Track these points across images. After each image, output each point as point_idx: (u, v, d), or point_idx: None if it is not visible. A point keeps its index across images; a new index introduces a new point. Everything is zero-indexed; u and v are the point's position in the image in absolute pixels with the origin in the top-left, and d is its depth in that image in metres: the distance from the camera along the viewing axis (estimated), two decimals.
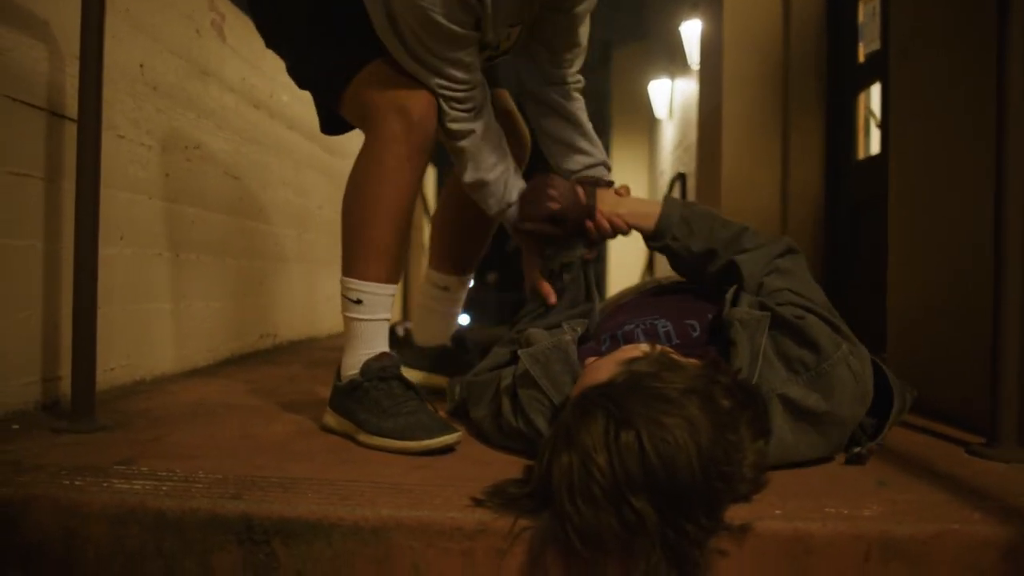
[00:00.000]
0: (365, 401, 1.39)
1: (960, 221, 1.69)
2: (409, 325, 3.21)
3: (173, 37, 2.22)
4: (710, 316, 1.36)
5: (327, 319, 3.79)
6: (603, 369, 1.04)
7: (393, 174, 1.46)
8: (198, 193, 2.38)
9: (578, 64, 1.71)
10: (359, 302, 1.49)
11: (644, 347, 1.09)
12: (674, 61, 6.78)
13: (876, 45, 3.32)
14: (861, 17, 3.62)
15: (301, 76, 1.69)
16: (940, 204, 1.79)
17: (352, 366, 1.46)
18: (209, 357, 2.48)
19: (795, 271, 1.43)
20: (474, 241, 1.96)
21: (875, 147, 3.47)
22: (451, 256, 1.96)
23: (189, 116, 2.32)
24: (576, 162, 1.71)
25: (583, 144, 1.71)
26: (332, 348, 3.16)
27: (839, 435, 1.24)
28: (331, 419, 1.48)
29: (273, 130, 3.03)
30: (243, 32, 2.74)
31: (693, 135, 5.25)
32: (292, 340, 3.28)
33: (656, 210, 1.54)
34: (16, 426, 1.46)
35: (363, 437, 1.37)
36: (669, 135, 7.24)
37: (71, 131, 1.68)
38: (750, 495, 1.00)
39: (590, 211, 1.54)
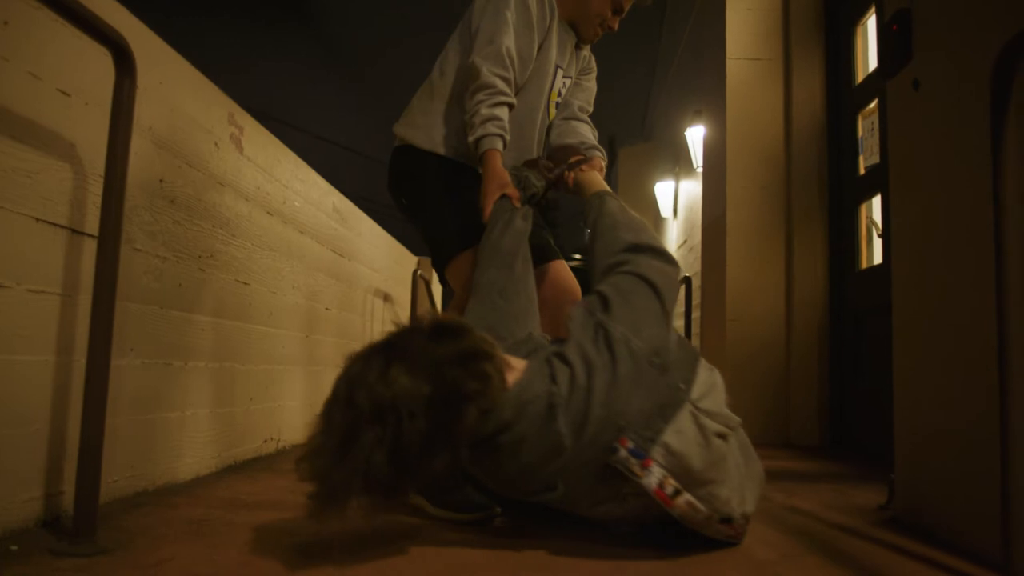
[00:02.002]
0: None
1: (964, 334, 1.70)
2: None
3: (193, 152, 2.29)
4: None
5: None
6: None
7: None
8: (210, 301, 2.42)
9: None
10: None
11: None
12: (679, 162, 6.94)
13: (876, 159, 3.41)
14: (860, 131, 3.72)
15: (430, 232, 2.20)
16: (943, 317, 1.80)
17: None
18: (213, 464, 2.46)
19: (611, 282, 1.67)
20: None
21: (877, 256, 3.51)
22: None
23: (204, 226, 2.37)
24: (582, 144, 2.34)
25: (589, 140, 2.38)
26: None
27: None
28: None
29: (286, 235, 3.09)
30: (260, 141, 2.83)
31: (697, 235, 5.33)
32: (295, 443, 3.26)
33: (591, 191, 2.03)
34: (15, 547, 1.44)
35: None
36: (674, 234, 7.34)
37: (90, 246, 1.73)
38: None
39: (565, 169, 2.14)
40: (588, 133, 2.40)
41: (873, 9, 3.63)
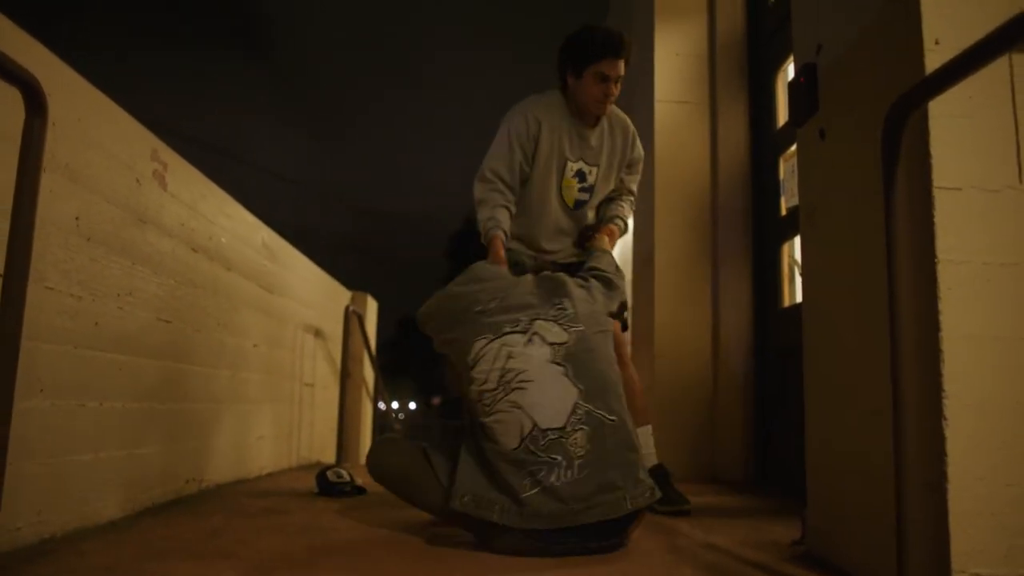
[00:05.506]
0: None
1: (865, 373, 1.76)
2: (342, 470, 3.16)
3: (112, 188, 2.26)
4: None
5: (258, 459, 3.71)
6: None
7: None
8: (128, 339, 2.37)
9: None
10: None
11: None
12: None
13: (796, 200, 3.52)
14: (782, 173, 3.85)
15: None
16: (847, 357, 1.87)
17: None
18: (129, 508, 2.39)
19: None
20: None
21: (799, 295, 3.62)
22: None
23: (124, 263, 2.33)
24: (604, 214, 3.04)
25: (615, 212, 3.02)
26: (259, 493, 3.08)
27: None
28: None
29: (211, 272, 3.05)
30: (184, 177, 2.80)
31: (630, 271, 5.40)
32: (220, 483, 3.19)
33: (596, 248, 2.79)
34: None
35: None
36: None
37: None
38: None
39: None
40: (618, 208, 3.03)
41: (792, 57, 3.79)
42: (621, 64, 2.71)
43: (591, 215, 3.01)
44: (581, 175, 2.87)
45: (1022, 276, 1.49)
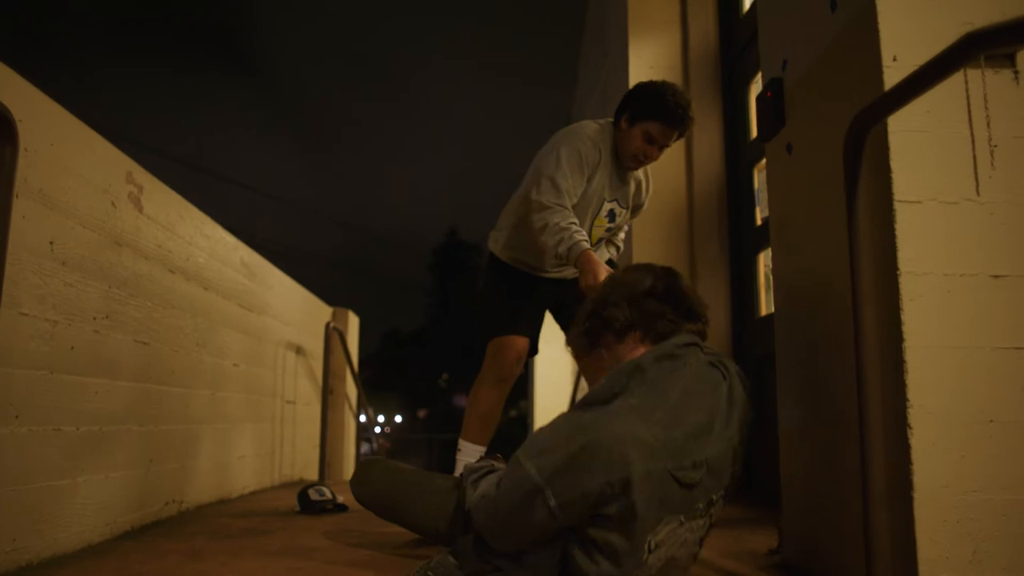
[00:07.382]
0: None
1: (833, 383, 1.79)
2: (324, 487, 3.15)
3: (87, 212, 2.26)
4: None
5: (239, 478, 3.69)
6: None
7: (488, 391, 2.79)
8: (105, 363, 2.36)
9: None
10: (460, 450, 2.74)
11: None
12: None
13: None
14: (757, 184, 3.90)
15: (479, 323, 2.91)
16: (815, 368, 1.90)
17: None
18: (106, 532, 2.38)
19: None
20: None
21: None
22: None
23: (100, 287, 2.33)
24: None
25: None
26: (240, 513, 3.07)
27: None
28: None
29: (189, 292, 3.05)
30: (161, 199, 2.81)
31: None
32: (200, 504, 3.18)
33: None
34: None
35: None
36: None
37: None
38: None
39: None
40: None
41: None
42: (673, 134, 2.62)
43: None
44: (612, 215, 2.81)
45: (982, 286, 1.53)
